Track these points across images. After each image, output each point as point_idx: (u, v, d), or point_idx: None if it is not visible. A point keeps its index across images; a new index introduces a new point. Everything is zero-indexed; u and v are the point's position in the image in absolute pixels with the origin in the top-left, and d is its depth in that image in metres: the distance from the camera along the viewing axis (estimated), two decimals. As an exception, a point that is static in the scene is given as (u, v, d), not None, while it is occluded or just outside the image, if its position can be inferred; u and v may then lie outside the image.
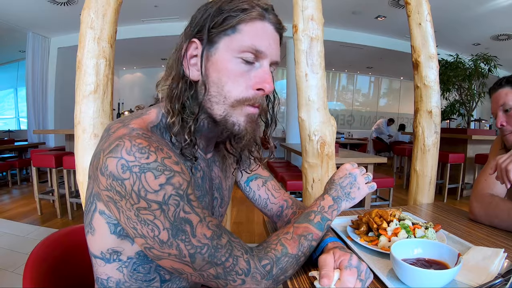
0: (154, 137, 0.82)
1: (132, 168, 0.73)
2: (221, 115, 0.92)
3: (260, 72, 0.92)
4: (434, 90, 2.16)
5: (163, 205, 0.75)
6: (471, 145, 6.53)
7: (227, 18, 0.88)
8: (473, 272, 0.93)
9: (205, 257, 0.79)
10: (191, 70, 0.93)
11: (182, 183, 0.78)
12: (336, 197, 1.10)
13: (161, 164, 0.75)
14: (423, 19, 2.16)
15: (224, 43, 0.90)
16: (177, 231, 0.77)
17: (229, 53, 0.89)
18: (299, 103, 2.03)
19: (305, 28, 1.98)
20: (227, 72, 0.90)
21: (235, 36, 0.89)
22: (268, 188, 1.34)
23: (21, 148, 8.37)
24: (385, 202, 5.56)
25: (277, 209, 1.32)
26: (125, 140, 0.76)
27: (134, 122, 0.85)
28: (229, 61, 0.90)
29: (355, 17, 8.25)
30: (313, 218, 1.02)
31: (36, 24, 8.42)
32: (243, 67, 0.91)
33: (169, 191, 0.75)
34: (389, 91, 16.21)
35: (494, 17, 7.52)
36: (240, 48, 0.89)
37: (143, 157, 0.74)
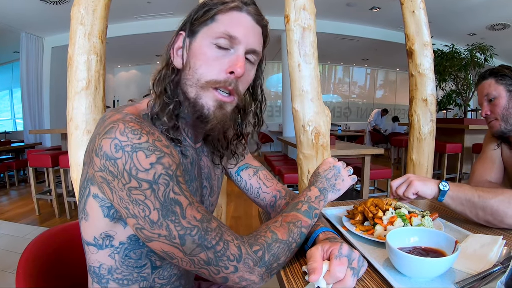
0: (146, 123, 0.86)
1: (124, 148, 0.76)
2: (193, 97, 0.96)
3: (233, 57, 0.95)
4: (429, 78, 2.15)
5: (153, 184, 0.77)
6: (468, 135, 6.54)
7: (208, 10, 0.95)
8: (471, 260, 0.92)
9: (195, 239, 0.79)
10: (175, 59, 0.99)
11: (171, 164, 0.81)
12: (323, 188, 1.14)
13: (152, 145, 0.78)
14: (416, 7, 2.14)
15: (202, 32, 0.96)
16: (167, 211, 0.78)
17: (205, 39, 0.95)
18: (293, 93, 2.02)
19: (297, 18, 1.96)
20: (202, 56, 0.94)
21: (212, 24, 0.95)
22: (259, 177, 1.36)
23: (18, 149, 8.36)
24: (383, 193, 5.58)
25: (270, 198, 1.33)
26: (119, 123, 0.79)
27: (127, 109, 0.90)
28: (205, 46, 0.94)
29: (350, 8, 8.23)
30: (300, 207, 1.04)
31: (29, 24, 8.38)
32: (218, 52, 0.94)
33: (159, 170, 0.78)
34: (385, 82, 16.23)
35: (489, 7, 7.52)
36: (215, 34, 0.93)
37: (135, 137, 0.77)
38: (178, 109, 0.98)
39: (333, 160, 1.22)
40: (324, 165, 1.22)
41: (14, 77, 11.63)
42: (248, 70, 1.00)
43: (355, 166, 5.22)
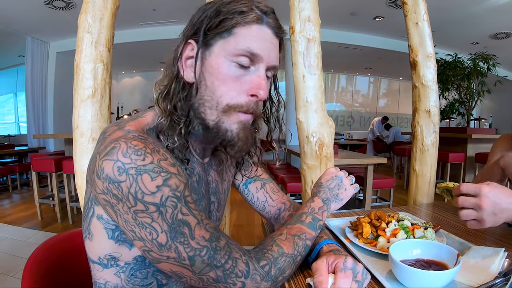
0: (150, 139, 0.82)
1: (128, 171, 0.73)
2: (214, 121, 0.91)
3: (255, 78, 0.90)
4: (432, 90, 2.16)
5: (161, 207, 0.75)
6: (471, 144, 6.52)
7: (224, 21, 0.86)
8: (473, 272, 0.93)
9: (205, 260, 0.78)
10: (185, 71, 0.92)
11: (179, 184, 0.77)
12: (326, 198, 1.14)
13: (157, 165, 0.75)
14: (420, 19, 2.16)
15: (219, 46, 0.88)
16: (175, 233, 0.76)
17: (223, 56, 0.87)
18: (297, 104, 2.03)
19: (302, 30, 1.98)
20: (220, 76, 0.88)
21: (230, 39, 0.87)
22: (266, 190, 1.34)
23: (21, 153, 8.39)
24: (385, 203, 5.55)
25: (275, 211, 1.32)
26: (121, 142, 0.76)
27: (130, 125, 0.85)
28: (223, 65, 0.87)
29: (353, 18, 8.24)
30: (304, 219, 1.04)
31: (35, 29, 8.42)
32: (238, 71, 0.88)
33: (166, 192, 0.75)
34: (388, 91, 16.21)
35: (492, 16, 7.52)
36: (235, 51, 0.86)
37: (139, 159, 0.74)
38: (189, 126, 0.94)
39: (335, 170, 1.22)
40: (326, 175, 1.21)
41: (19, 81, 11.67)
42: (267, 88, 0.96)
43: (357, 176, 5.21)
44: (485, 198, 1.01)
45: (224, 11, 0.87)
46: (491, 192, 1.01)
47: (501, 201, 1.00)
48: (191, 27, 0.91)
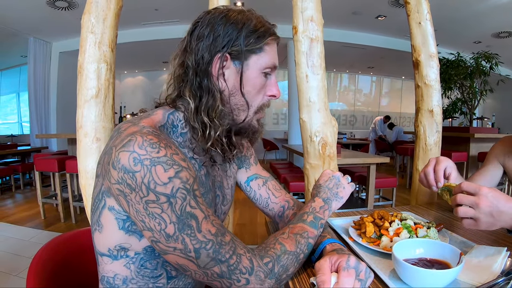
0: (162, 135, 0.88)
1: (143, 161, 0.78)
2: (245, 120, 1.07)
3: (273, 82, 1.09)
4: (435, 89, 2.16)
5: (171, 198, 0.79)
6: (473, 143, 6.51)
7: (257, 39, 1.01)
8: (475, 271, 0.93)
9: (210, 253, 0.81)
10: (220, 82, 1.02)
11: (189, 178, 0.82)
12: (326, 198, 1.18)
13: (170, 158, 0.80)
14: (423, 18, 2.16)
15: (253, 61, 1.02)
16: (183, 225, 0.80)
17: (257, 69, 1.03)
18: (300, 104, 2.03)
19: (305, 30, 1.98)
20: (255, 85, 1.04)
21: (261, 54, 1.03)
22: (268, 187, 1.38)
23: (24, 153, 8.39)
24: (388, 202, 5.55)
25: (278, 209, 1.34)
26: (137, 136, 0.81)
27: (144, 122, 0.91)
28: (257, 76, 1.04)
29: (356, 17, 8.24)
30: (306, 218, 1.07)
31: (37, 29, 8.45)
32: (264, 80, 1.06)
33: (177, 184, 0.80)
34: (390, 90, 16.18)
35: (494, 15, 7.51)
36: (266, 65, 1.04)
37: (154, 151, 0.79)
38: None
39: (331, 171, 1.29)
40: (324, 176, 1.28)
41: (21, 81, 11.71)
42: None
43: (360, 175, 5.21)
44: (484, 197, 1.00)
45: (254, 30, 1.01)
46: (491, 193, 1.00)
47: (499, 204, 0.99)
48: (220, 42, 0.99)
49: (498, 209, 0.99)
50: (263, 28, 1.03)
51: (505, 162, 1.68)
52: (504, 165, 1.69)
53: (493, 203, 0.99)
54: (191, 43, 1.01)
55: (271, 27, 1.06)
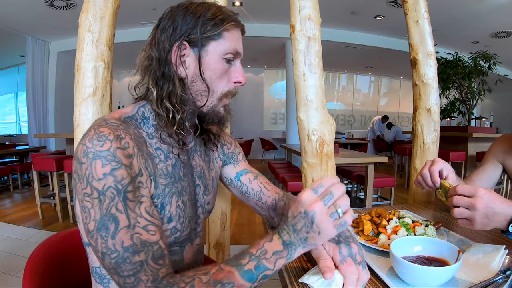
0: (123, 126, 0.93)
1: (88, 154, 0.82)
2: (209, 106, 1.09)
3: (237, 69, 1.11)
4: (432, 88, 2.16)
5: (101, 195, 0.81)
6: (472, 143, 6.53)
7: (214, 26, 1.03)
8: (474, 269, 0.93)
9: (112, 263, 0.80)
10: (179, 70, 1.05)
11: (125, 177, 0.83)
12: (288, 241, 0.82)
13: (111, 154, 0.83)
14: (420, 17, 2.16)
15: (212, 47, 1.04)
16: (101, 225, 0.80)
17: (217, 55, 1.05)
18: (298, 103, 2.03)
19: (302, 28, 1.98)
20: (216, 70, 1.06)
21: (221, 41, 1.05)
22: (260, 181, 1.36)
23: (22, 153, 8.39)
24: (386, 202, 5.56)
25: (271, 202, 1.32)
26: (92, 129, 0.86)
27: (111, 115, 0.99)
28: (217, 61, 1.05)
29: (354, 17, 8.25)
30: (245, 263, 0.79)
31: (35, 28, 8.43)
32: (226, 66, 1.08)
33: (109, 182, 0.81)
34: (389, 90, 16.20)
35: (493, 15, 7.52)
36: (226, 50, 1.05)
37: (98, 144, 0.82)
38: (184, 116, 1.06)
39: (308, 200, 0.79)
40: (294, 207, 0.82)
41: (19, 81, 11.69)
42: None
43: (358, 174, 5.21)
44: (480, 199, 1.01)
45: (211, 18, 1.03)
46: (486, 194, 1.02)
47: (494, 205, 1.01)
48: (179, 31, 1.03)
49: (493, 210, 1.00)
50: (222, 15, 1.04)
51: (504, 160, 1.68)
52: (504, 163, 1.68)
53: (488, 205, 1.01)
54: (155, 36, 1.06)
55: (232, 15, 1.08)
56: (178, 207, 1.03)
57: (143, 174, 0.90)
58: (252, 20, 8.07)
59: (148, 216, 0.86)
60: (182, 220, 1.05)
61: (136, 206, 0.84)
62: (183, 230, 1.06)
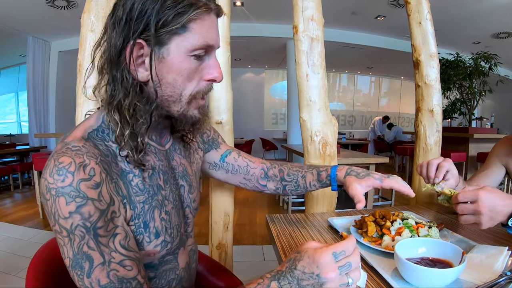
0: (86, 147, 0.82)
1: (51, 191, 0.74)
2: (179, 111, 0.95)
3: (211, 64, 0.95)
4: (435, 89, 2.16)
5: (70, 234, 0.75)
6: (472, 143, 6.53)
7: (176, 16, 0.84)
8: (477, 270, 0.93)
9: None
10: (138, 72, 0.89)
11: (92, 213, 0.76)
12: None
13: (75, 189, 0.74)
14: (423, 18, 2.15)
15: (175, 43, 0.87)
16: (76, 264, 0.76)
17: (182, 53, 0.88)
18: (300, 103, 2.03)
19: (305, 29, 1.98)
20: (182, 71, 0.90)
21: (186, 35, 0.87)
22: (244, 157, 1.41)
23: (22, 152, 8.41)
24: (387, 202, 5.57)
25: (259, 172, 1.40)
26: (52, 160, 0.77)
27: (72, 134, 0.87)
28: (183, 61, 0.89)
29: (355, 17, 8.24)
30: None
31: (36, 28, 8.43)
32: (195, 64, 0.91)
33: (77, 220, 0.75)
34: (389, 91, 16.20)
35: (494, 15, 7.52)
36: (193, 47, 0.88)
37: (59, 179, 0.74)
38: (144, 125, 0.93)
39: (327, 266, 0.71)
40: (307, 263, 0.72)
41: (20, 80, 11.70)
42: None
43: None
44: (482, 203, 1.04)
45: (171, 5, 0.83)
46: (487, 197, 1.05)
47: (496, 205, 1.04)
48: (132, 24, 0.85)
49: (495, 209, 1.05)
50: (186, 1, 0.84)
51: (508, 162, 1.68)
52: (507, 165, 1.68)
53: (491, 206, 1.04)
54: (108, 29, 0.90)
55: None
56: (162, 219, 0.97)
57: (114, 202, 0.83)
58: (253, 20, 8.07)
59: (124, 250, 0.81)
60: (170, 231, 1.00)
61: (109, 240, 0.79)
62: (173, 240, 1.01)
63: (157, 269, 0.99)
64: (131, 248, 0.83)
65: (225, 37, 1.97)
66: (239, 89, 13.47)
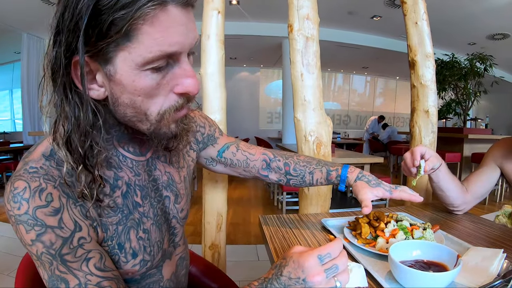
0: (44, 169, 0.74)
1: (11, 218, 0.71)
2: (149, 129, 0.79)
3: (180, 73, 0.75)
4: (430, 90, 2.16)
5: (39, 259, 0.73)
6: (467, 144, 6.57)
7: (114, 23, 0.63)
8: (472, 273, 0.92)
9: None
10: (91, 90, 0.74)
11: (54, 241, 0.71)
12: None
13: (31, 217, 0.69)
14: (419, 18, 2.15)
15: (121, 58, 0.68)
16: (52, 285, 0.73)
17: (132, 69, 0.69)
18: (295, 103, 2.02)
19: (301, 28, 1.97)
20: (138, 91, 0.72)
21: (134, 45, 0.66)
22: (242, 150, 1.36)
23: (16, 150, 8.34)
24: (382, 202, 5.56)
25: (260, 163, 1.36)
26: (9, 185, 0.72)
27: (34, 151, 0.78)
28: (137, 78, 0.70)
29: (351, 17, 8.25)
30: None
31: (31, 25, 8.38)
32: (156, 78, 0.72)
33: (40, 248, 0.71)
34: (385, 91, 16.25)
35: (489, 17, 7.54)
36: (145, 60, 0.67)
37: (15, 207, 0.69)
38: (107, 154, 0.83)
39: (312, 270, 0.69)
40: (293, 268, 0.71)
41: (14, 78, 11.65)
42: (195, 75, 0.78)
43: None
44: None
45: (109, 7, 0.62)
46: None
47: None
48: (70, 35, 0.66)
49: None
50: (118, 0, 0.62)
51: (503, 164, 1.67)
52: (502, 167, 1.67)
53: None
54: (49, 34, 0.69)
55: None
56: (140, 238, 0.90)
57: (82, 228, 0.76)
58: (249, 18, 8.06)
59: (100, 272, 0.76)
60: (150, 250, 0.92)
61: (82, 264, 0.74)
62: (154, 258, 0.95)
63: (140, 283, 0.95)
64: (107, 268, 0.79)
65: (219, 35, 1.96)
66: (234, 88, 13.48)
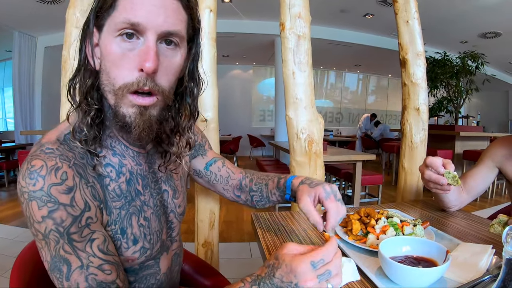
0: (59, 150, 0.79)
1: (23, 194, 0.73)
2: (113, 105, 0.84)
3: (142, 50, 0.79)
4: (421, 88, 2.17)
5: (45, 238, 0.74)
6: (459, 141, 6.60)
7: None
8: (462, 269, 0.93)
9: None
10: (95, 60, 0.85)
11: (65, 219, 0.74)
12: None
13: (46, 194, 0.72)
14: (410, 17, 2.16)
15: (107, 25, 0.80)
16: (54, 267, 0.75)
17: (110, 34, 0.80)
18: (287, 101, 2.03)
19: (292, 26, 1.97)
20: (110, 56, 0.80)
21: (114, 14, 0.78)
22: (228, 167, 1.39)
23: (8, 150, 8.28)
24: (374, 199, 5.60)
25: (236, 183, 1.38)
26: (25, 164, 0.75)
27: (48, 136, 0.83)
28: (110, 43, 0.80)
29: (343, 15, 8.26)
30: None
31: (22, 23, 8.32)
32: (124, 46, 0.79)
33: (50, 225, 0.73)
34: (377, 88, 16.29)
35: (481, 15, 7.58)
36: (116, 25, 0.78)
37: (31, 183, 0.72)
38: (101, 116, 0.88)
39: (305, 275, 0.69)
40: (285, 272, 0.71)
41: (5, 76, 11.53)
42: (168, 58, 0.84)
43: (346, 172, 5.23)
44: None
45: None
46: None
47: None
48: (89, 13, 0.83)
49: None
50: None
51: (503, 164, 1.64)
52: (501, 167, 1.65)
53: None
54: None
55: None
56: (141, 225, 0.94)
57: (90, 208, 0.80)
58: (242, 17, 8.05)
59: (102, 255, 0.79)
60: (150, 238, 0.96)
61: (86, 245, 0.77)
62: (153, 247, 0.98)
63: (137, 273, 0.97)
64: (110, 252, 0.82)
65: (211, 33, 1.96)
66: (227, 86, 13.46)
